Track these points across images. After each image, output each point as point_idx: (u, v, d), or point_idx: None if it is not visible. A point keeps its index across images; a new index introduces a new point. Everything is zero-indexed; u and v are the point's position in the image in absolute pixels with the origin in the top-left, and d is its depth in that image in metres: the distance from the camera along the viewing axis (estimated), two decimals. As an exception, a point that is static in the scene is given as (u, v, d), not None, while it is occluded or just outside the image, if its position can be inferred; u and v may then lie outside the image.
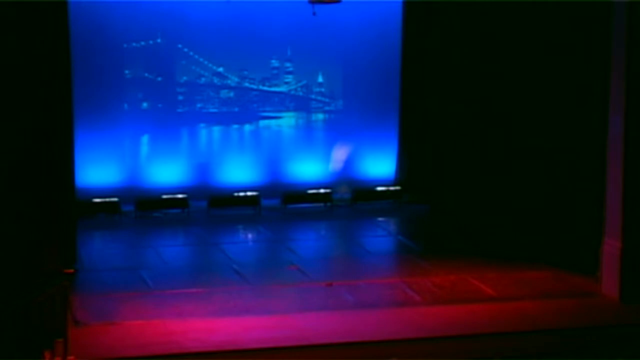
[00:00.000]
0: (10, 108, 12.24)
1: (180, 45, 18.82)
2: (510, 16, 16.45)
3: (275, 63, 19.44)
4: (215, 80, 19.21)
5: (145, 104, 18.85)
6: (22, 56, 12.40)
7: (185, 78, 19.01)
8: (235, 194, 18.56)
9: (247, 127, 19.46)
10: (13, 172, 12.17)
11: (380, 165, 19.76)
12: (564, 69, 15.37)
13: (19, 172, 12.28)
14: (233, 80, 19.29)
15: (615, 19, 12.82)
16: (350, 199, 19.35)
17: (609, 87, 12.97)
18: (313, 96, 19.70)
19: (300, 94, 19.64)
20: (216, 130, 19.31)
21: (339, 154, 19.75)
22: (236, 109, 19.39)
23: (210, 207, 18.34)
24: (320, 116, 19.75)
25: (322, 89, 19.72)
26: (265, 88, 19.48)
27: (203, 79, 19.13)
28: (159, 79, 18.86)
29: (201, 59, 19.01)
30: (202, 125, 19.23)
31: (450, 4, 17.41)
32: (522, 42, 16.26)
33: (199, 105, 19.16)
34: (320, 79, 19.68)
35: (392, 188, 19.32)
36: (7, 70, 12.20)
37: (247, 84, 19.39)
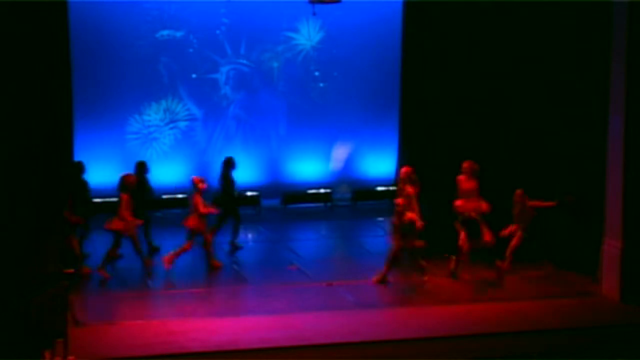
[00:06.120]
0: (11, 108, 12.24)
1: (180, 45, 18.81)
2: (510, 16, 16.45)
3: (275, 63, 19.44)
4: (216, 79, 19.20)
5: (145, 103, 18.84)
6: (22, 56, 12.39)
7: (185, 77, 19.00)
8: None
9: (248, 127, 19.44)
10: (13, 172, 12.16)
11: (380, 165, 19.76)
12: (564, 69, 15.37)
13: (19, 172, 12.28)
14: (234, 79, 19.28)
15: (615, 19, 12.82)
16: (351, 199, 19.32)
17: (609, 87, 12.98)
18: (313, 96, 19.68)
19: (301, 93, 19.62)
20: (217, 129, 19.29)
21: (339, 154, 19.74)
22: (237, 109, 19.38)
23: (210, 207, 18.31)
24: (320, 116, 19.71)
25: (323, 89, 19.70)
26: (265, 87, 19.47)
27: (203, 79, 19.12)
28: (160, 78, 18.84)
29: (201, 59, 19.00)
30: (202, 125, 19.21)
31: (450, 4, 17.40)
32: (522, 42, 16.25)
33: (199, 104, 19.15)
34: (320, 79, 19.66)
35: (392, 188, 19.27)
36: (7, 70, 12.19)
37: (247, 83, 19.39)
